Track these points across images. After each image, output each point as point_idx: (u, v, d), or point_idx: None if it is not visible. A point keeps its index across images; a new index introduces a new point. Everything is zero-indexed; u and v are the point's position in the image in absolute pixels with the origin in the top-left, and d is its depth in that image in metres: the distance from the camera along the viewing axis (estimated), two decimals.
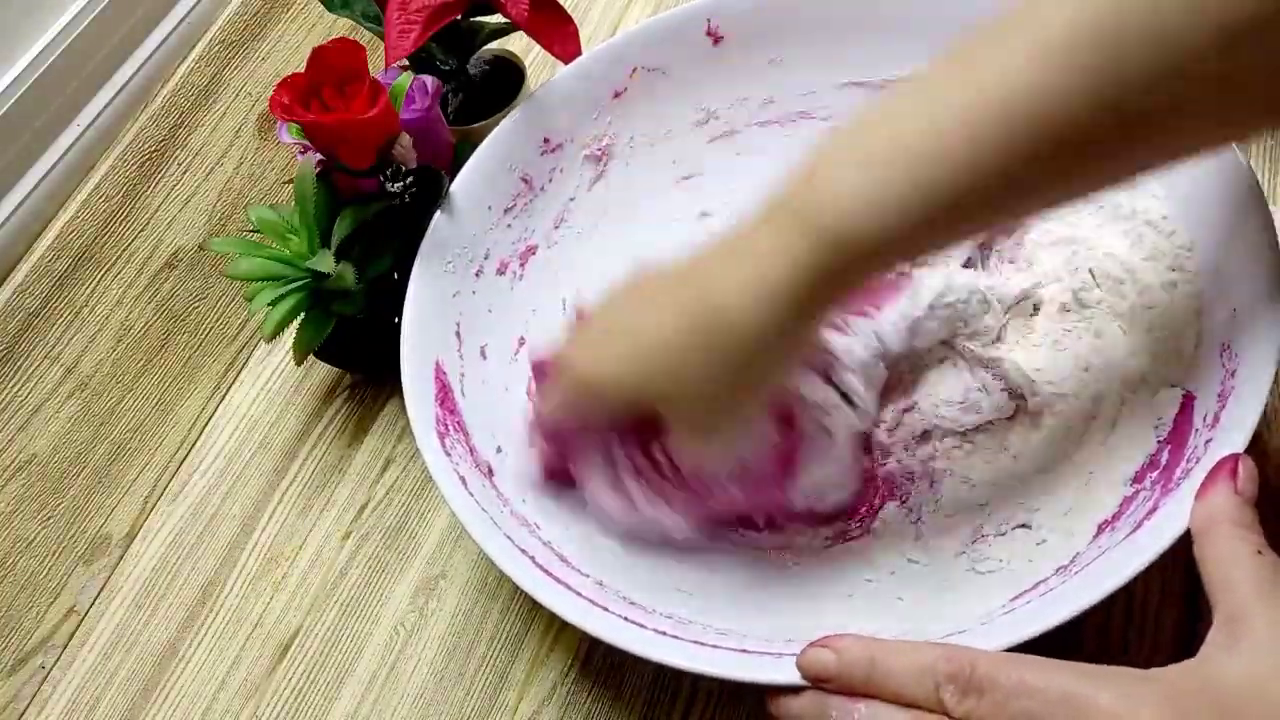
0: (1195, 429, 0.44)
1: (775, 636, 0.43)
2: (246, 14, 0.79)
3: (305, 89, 0.52)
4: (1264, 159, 0.60)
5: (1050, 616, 0.39)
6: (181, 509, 0.61)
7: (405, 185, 0.56)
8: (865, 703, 0.37)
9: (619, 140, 0.61)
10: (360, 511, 0.59)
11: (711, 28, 0.59)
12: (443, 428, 0.49)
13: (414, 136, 0.56)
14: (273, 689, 0.54)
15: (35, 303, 0.67)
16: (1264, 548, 0.36)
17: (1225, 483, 0.38)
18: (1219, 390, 0.43)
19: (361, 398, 0.63)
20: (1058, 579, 0.42)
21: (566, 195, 0.60)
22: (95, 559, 0.60)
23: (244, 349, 0.67)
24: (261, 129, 0.75)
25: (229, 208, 0.72)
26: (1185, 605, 0.47)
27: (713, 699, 0.50)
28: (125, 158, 0.73)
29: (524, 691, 0.51)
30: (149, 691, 0.55)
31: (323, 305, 0.56)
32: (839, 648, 0.38)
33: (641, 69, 0.60)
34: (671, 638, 0.42)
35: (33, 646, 0.57)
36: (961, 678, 0.36)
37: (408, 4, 0.56)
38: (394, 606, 0.55)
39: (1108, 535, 0.43)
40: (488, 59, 0.67)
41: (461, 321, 0.55)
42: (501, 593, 0.54)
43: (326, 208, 0.55)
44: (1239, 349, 0.44)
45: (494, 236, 0.57)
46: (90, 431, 0.64)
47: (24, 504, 0.61)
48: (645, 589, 0.47)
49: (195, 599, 0.57)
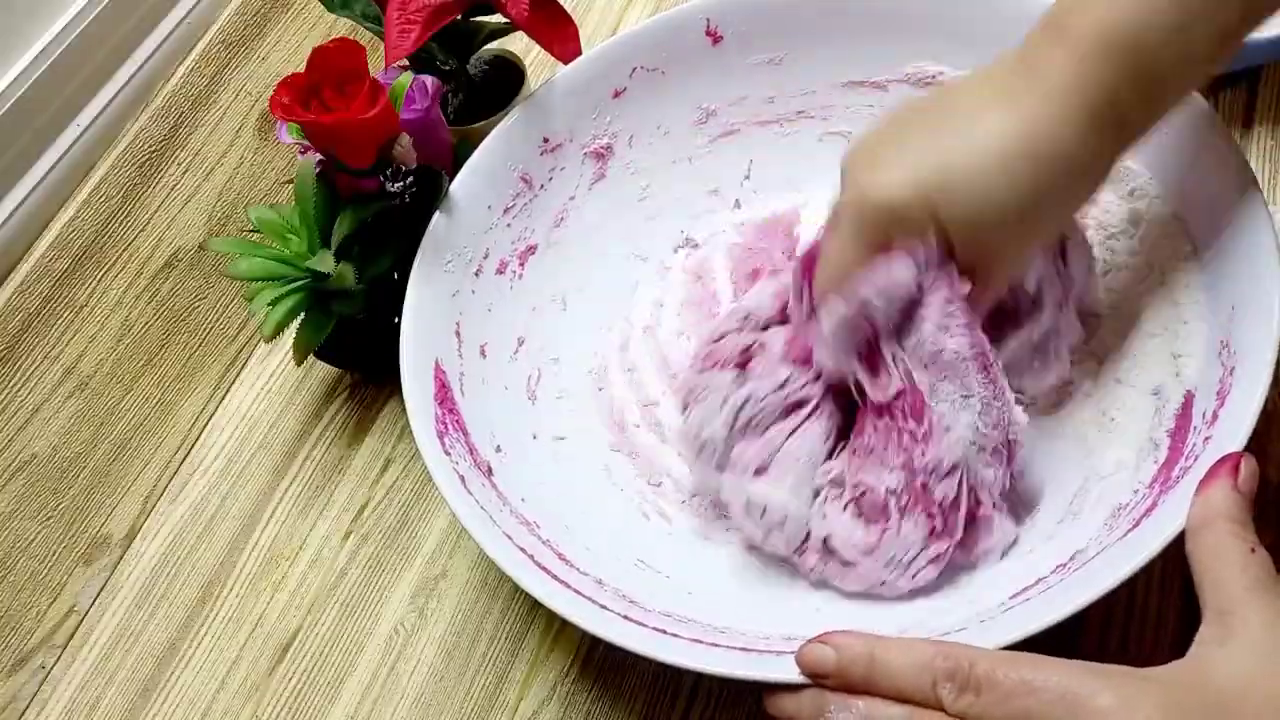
0: (1194, 426, 0.44)
1: (774, 634, 0.43)
2: (246, 14, 0.79)
3: (305, 89, 0.52)
4: (1264, 159, 0.60)
5: (1049, 613, 0.39)
6: (181, 509, 0.61)
7: (405, 185, 0.56)
8: (864, 700, 0.37)
9: (619, 140, 0.61)
10: (360, 511, 0.59)
11: (711, 27, 0.59)
12: (442, 426, 0.49)
13: (414, 136, 0.56)
14: (273, 689, 0.54)
15: (35, 303, 0.67)
16: (1257, 546, 0.36)
17: (1225, 479, 0.38)
18: (1218, 388, 0.43)
19: (361, 398, 0.63)
20: (1056, 576, 0.42)
21: (566, 194, 0.60)
22: (95, 559, 0.60)
23: (244, 349, 0.67)
24: (261, 129, 0.75)
25: (229, 208, 0.72)
26: (1186, 604, 0.47)
27: (713, 698, 0.50)
28: (125, 158, 0.73)
29: (524, 691, 0.51)
30: (149, 691, 0.55)
31: (323, 305, 0.56)
32: (838, 644, 0.38)
33: (641, 68, 0.60)
34: (670, 636, 0.42)
35: (33, 646, 0.57)
36: (959, 675, 0.36)
37: (408, 4, 0.56)
38: (394, 606, 0.55)
39: (1107, 532, 0.43)
40: (488, 59, 0.67)
41: (461, 321, 0.55)
42: (501, 593, 0.54)
43: (326, 208, 0.55)
44: (1238, 347, 0.44)
45: (494, 236, 0.57)
46: (90, 431, 0.64)
47: (24, 504, 0.61)
48: (644, 587, 0.47)
49: (195, 599, 0.57)
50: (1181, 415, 0.45)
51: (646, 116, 0.60)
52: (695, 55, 0.60)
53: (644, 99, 0.60)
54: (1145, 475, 0.45)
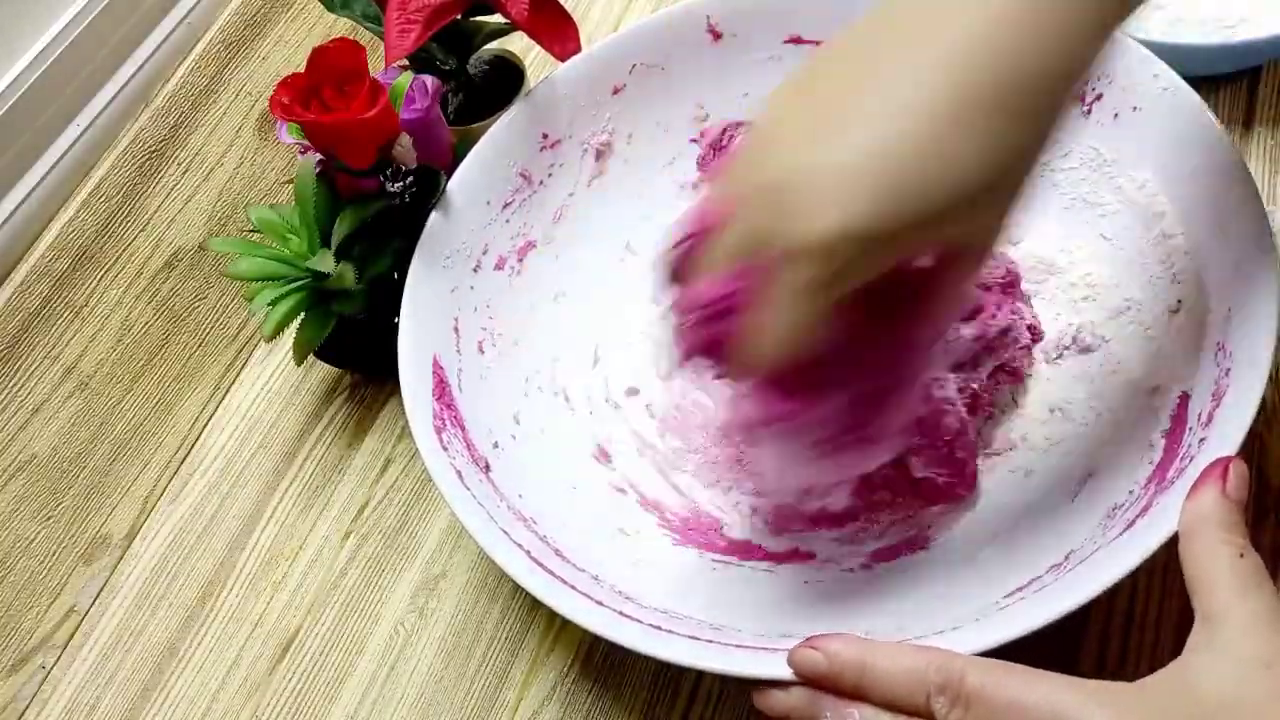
0: (1189, 428, 0.44)
1: (769, 632, 0.43)
2: (246, 14, 0.79)
3: (305, 89, 0.52)
4: (1264, 159, 0.60)
5: (1044, 612, 0.39)
6: (181, 509, 0.61)
7: (405, 185, 0.56)
8: (859, 708, 0.37)
9: (618, 136, 0.61)
10: (360, 511, 0.59)
11: (711, 24, 0.59)
12: (440, 422, 0.49)
13: (414, 136, 0.56)
14: (273, 689, 0.54)
15: (35, 303, 0.67)
16: (1247, 550, 0.36)
17: (1213, 485, 0.38)
18: (1213, 389, 0.43)
19: (361, 398, 0.63)
20: (1051, 576, 0.42)
21: (565, 191, 0.60)
22: (95, 559, 0.60)
23: (244, 349, 0.67)
24: (261, 129, 0.75)
25: (229, 208, 0.72)
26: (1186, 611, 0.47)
27: (713, 698, 0.50)
28: (125, 158, 0.73)
29: (524, 691, 0.51)
30: (149, 691, 0.55)
31: (323, 305, 0.56)
32: (830, 650, 0.38)
33: (641, 65, 0.60)
34: (666, 632, 0.42)
35: (33, 646, 0.57)
36: (950, 689, 0.35)
37: (408, 4, 0.56)
38: (394, 606, 0.55)
39: (1101, 533, 0.43)
40: (488, 59, 0.67)
41: (459, 317, 0.55)
42: (501, 592, 0.54)
43: (326, 208, 0.55)
44: (1234, 348, 0.44)
45: (492, 232, 0.57)
46: (90, 431, 0.64)
47: (24, 504, 0.61)
48: (640, 584, 0.47)
49: (195, 599, 0.57)
50: (1177, 417, 0.45)
51: (646, 113, 0.60)
52: (696, 52, 0.60)
53: (644, 96, 0.60)
54: (1140, 476, 0.45)
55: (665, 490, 0.53)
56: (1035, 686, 0.35)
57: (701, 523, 0.52)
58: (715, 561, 0.50)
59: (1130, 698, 0.34)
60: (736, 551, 0.50)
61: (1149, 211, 0.51)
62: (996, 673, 0.35)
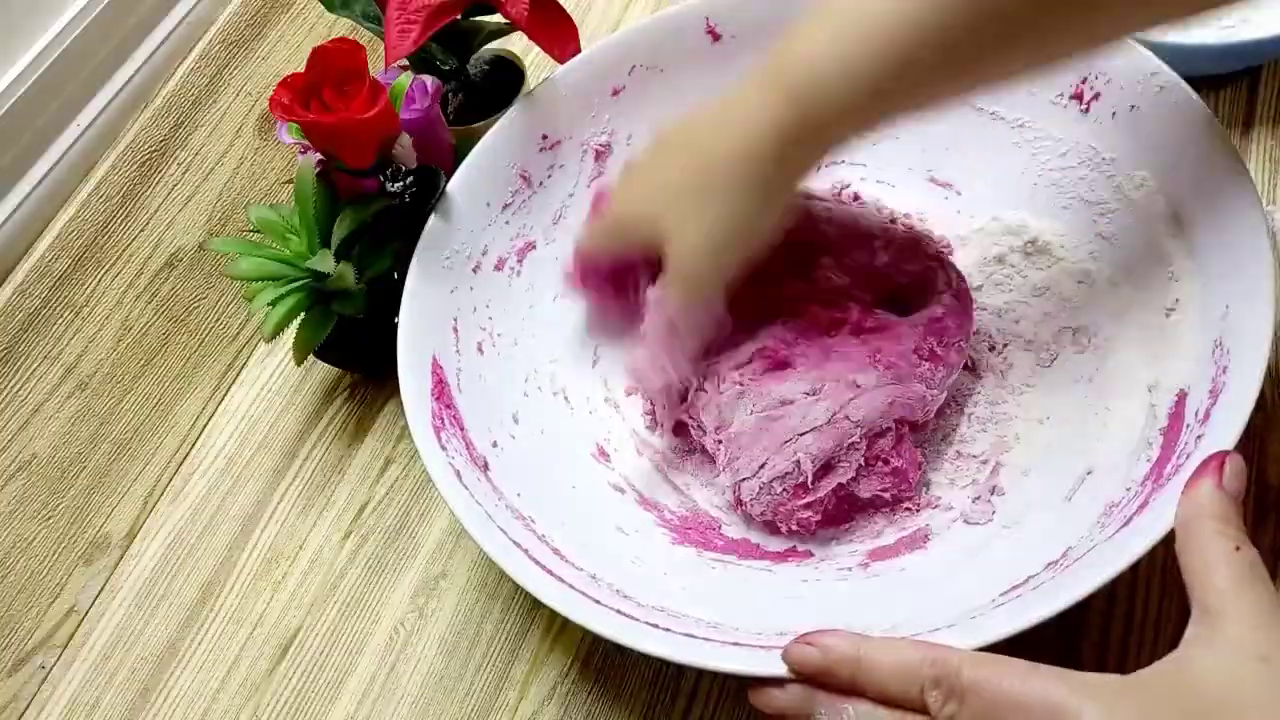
0: (1187, 425, 0.44)
1: (766, 629, 0.43)
2: (246, 14, 0.79)
3: (305, 89, 0.52)
4: (1264, 159, 0.60)
5: (1039, 610, 0.39)
6: (181, 509, 0.61)
7: (405, 185, 0.56)
8: (853, 703, 0.37)
9: (618, 138, 0.61)
10: (360, 511, 0.59)
11: (710, 26, 0.59)
12: (439, 422, 0.49)
13: (414, 136, 0.56)
14: (273, 689, 0.54)
15: (35, 303, 0.67)
16: (1243, 544, 0.36)
17: (1210, 478, 0.38)
18: (1210, 387, 0.43)
19: (361, 398, 0.63)
20: (1048, 573, 0.42)
21: (565, 192, 0.60)
22: (95, 559, 0.60)
23: (244, 349, 0.67)
24: (261, 129, 0.75)
25: (229, 208, 0.72)
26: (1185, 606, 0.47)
27: (713, 698, 0.50)
28: (125, 158, 0.73)
29: (524, 691, 0.51)
30: (149, 692, 0.55)
31: (323, 305, 0.56)
32: (825, 645, 0.38)
33: (640, 67, 0.60)
34: (663, 630, 0.42)
35: (33, 646, 0.57)
36: (945, 683, 0.35)
37: (408, 4, 0.56)
38: (394, 606, 0.55)
39: (1099, 530, 0.43)
40: (488, 59, 0.67)
41: (459, 317, 0.55)
42: (501, 592, 0.54)
43: (326, 208, 0.55)
44: (1231, 345, 0.44)
45: (492, 233, 0.57)
46: (90, 431, 0.64)
47: (24, 504, 0.61)
48: (638, 582, 0.47)
49: (195, 599, 0.57)
50: (1174, 414, 0.45)
51: (646, 115, 0.60)
52: (695, 54, 0.60)
53: (643, 97, 0.60)
54: (1138, 473, 0.45)
55: (664, 489, 0.54)
56: (1029, 680, 0.35)
57: (700, 522, 0.52)
58: (713, 560, 0.50)
59: (1126, 691, 0.34)
60: (735, 550, 0.50)
61: (1147, 210, 0.51)
62: (991, 666, 0.35)
